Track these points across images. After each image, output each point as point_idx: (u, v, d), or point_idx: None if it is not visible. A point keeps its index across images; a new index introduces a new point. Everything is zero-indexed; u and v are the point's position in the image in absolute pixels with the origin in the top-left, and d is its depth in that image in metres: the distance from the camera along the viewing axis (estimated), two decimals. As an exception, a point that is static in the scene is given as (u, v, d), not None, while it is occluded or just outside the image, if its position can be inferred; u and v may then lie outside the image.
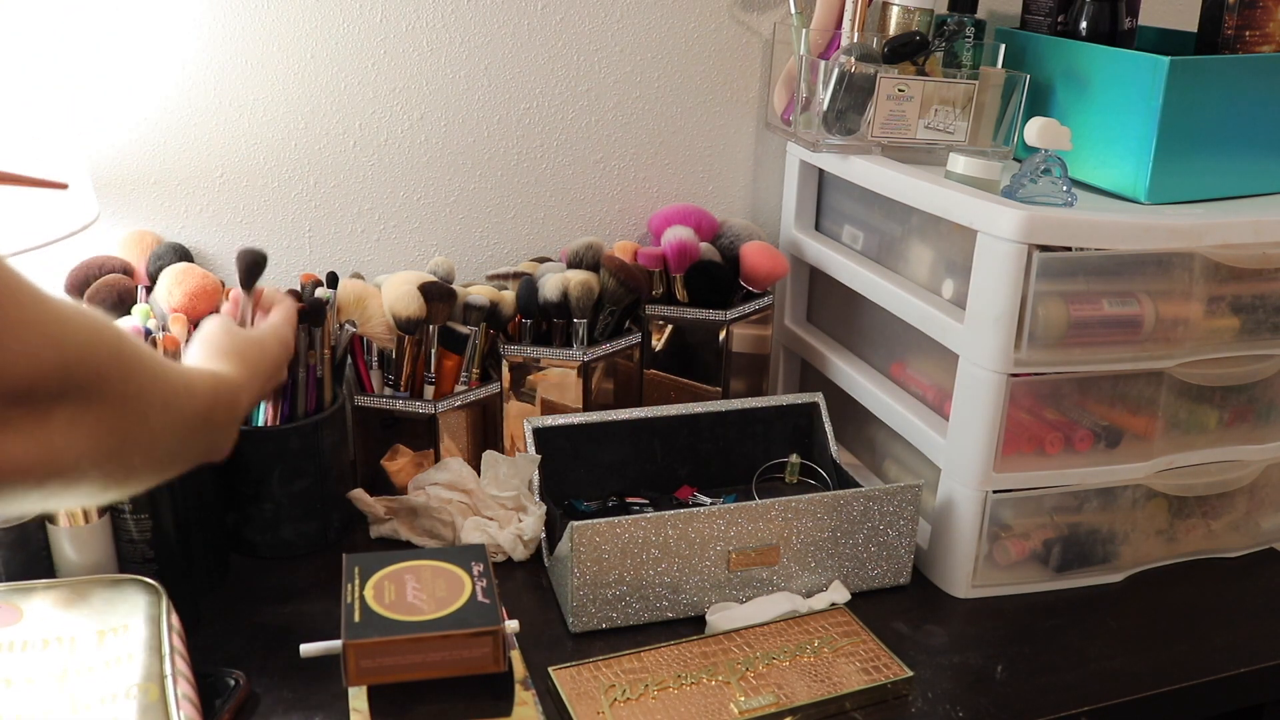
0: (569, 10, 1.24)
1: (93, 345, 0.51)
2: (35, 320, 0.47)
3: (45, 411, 0.48)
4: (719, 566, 0.96)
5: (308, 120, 1.19)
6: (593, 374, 1.17)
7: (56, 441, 0.48)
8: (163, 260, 1.11)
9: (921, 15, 1.14)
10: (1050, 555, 1.05)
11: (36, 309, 0.48)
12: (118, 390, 0.52)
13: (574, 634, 0.94)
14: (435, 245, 1.28)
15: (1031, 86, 1.12)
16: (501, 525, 1.05)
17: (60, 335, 0.49)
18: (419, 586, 0.83)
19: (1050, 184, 0.99)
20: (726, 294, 1.24)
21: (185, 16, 1.11)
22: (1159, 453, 1.05)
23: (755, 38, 1.33)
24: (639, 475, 1.15)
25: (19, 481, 0.48)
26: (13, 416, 0.46)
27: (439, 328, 1.11)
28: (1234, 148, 1.06)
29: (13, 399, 0.46)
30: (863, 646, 0.92)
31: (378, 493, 1.10)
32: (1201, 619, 1.02)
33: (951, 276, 1.06)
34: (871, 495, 0.99)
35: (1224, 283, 1.01)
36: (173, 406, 0.58)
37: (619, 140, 1.31)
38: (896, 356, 1.18)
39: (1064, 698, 0.90)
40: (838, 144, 1.16)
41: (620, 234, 1.35)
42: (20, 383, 0.46)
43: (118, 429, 0.52)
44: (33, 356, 0.47)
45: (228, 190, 1.18)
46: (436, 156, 1.24)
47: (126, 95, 1.12)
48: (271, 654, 0.89)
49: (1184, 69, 0.99)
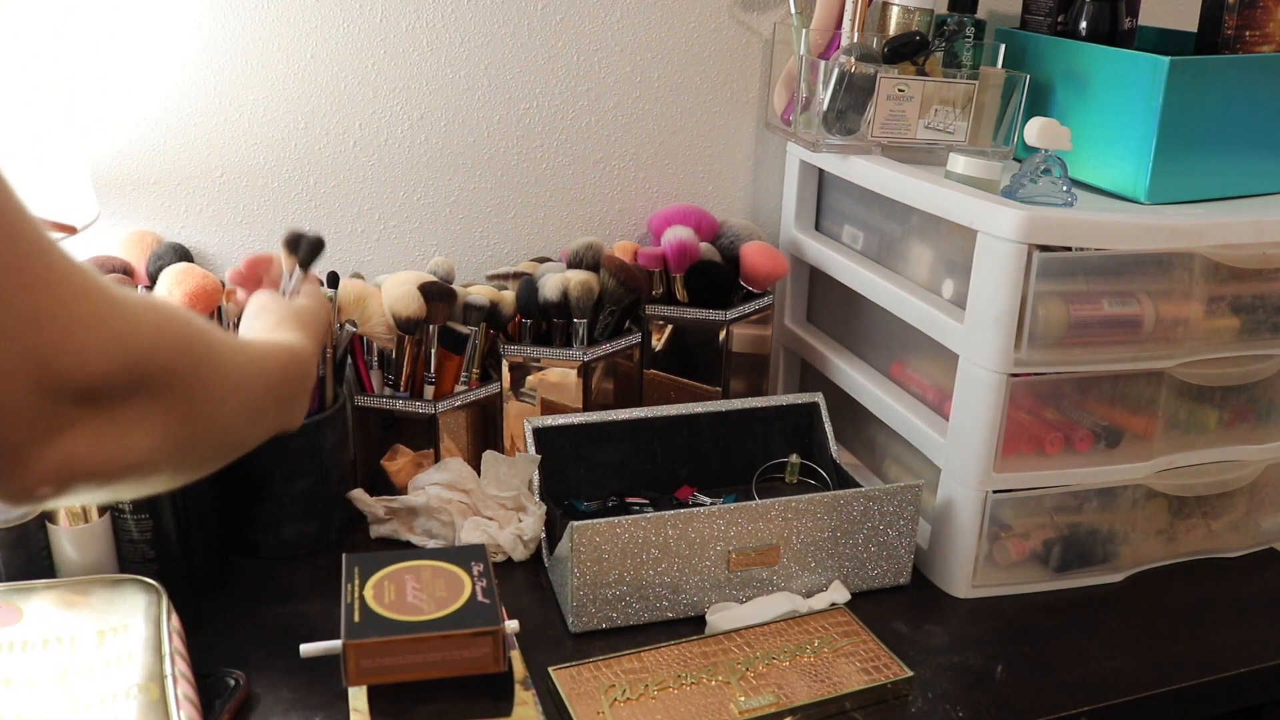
0: (569, 10, 1.24)
1: (161, 342, 0.49)
2: (103, 317, 0.46)
3: (114, 410, 0.46)
4: (719, 566, 0.96)
5: (308, 120, 1.19)
6: (593, 374, 1.17)
7: (128, 440, 0.47)
8: (163, 260, 1.11)
9: (921, 15, 1.14)
10: (1050, 555, 1.05)
11: (104, 305, 0.46)
12: (188, 384, 0.50)
13: (574, 634, 0.94)
14: (435, 245, 1.28)
15: (1031, 86, 1.12)
16: (501, 525, 1.05)
17: (128, 333, 0.47)
18: (419, 586, 0.83)
19: (1050, 184, 0.99)
20: (726, 294, 1.24)
21: (185, 16, 1.11)
22: (1159, 453, 1.05)
23: (755, 38, 1.33)
24: (639, 475, 1.15)
25: (89, 478, 0.47)
26: (80, 415, 0.45)
27: (439, 328, 1.11)
28: (1234, 148, 1.06)
29: (80, 397, 0.45)
30: (863, 646, 0.92)
31: (378, 493, 1.10)
32: (1201, 619, 1.02)
33: (951, 276, 1.06)
34: (871, 495, 0.99)
35: (1224, 283, 1.01)
36: (244, 390, 0.56)
37: (619, 140, 1.31)
38: (896, 356, 1.18)
39: (1064, 698, 0.90)
40: (838, 144, 1.16)
41: (620, 234, 1.35)
42: (88, 381, 0.45)
43: (189, 422, 0.51)
44: (100, 354, 0.45)
45: (228, 190, 1.18)
46: (436, 156, 1.24)
47: (126, 95, 1.12)
48: (271, 654, 0.89)
49: (1184, 69, 0.99)
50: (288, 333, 0.75)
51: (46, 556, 0.88)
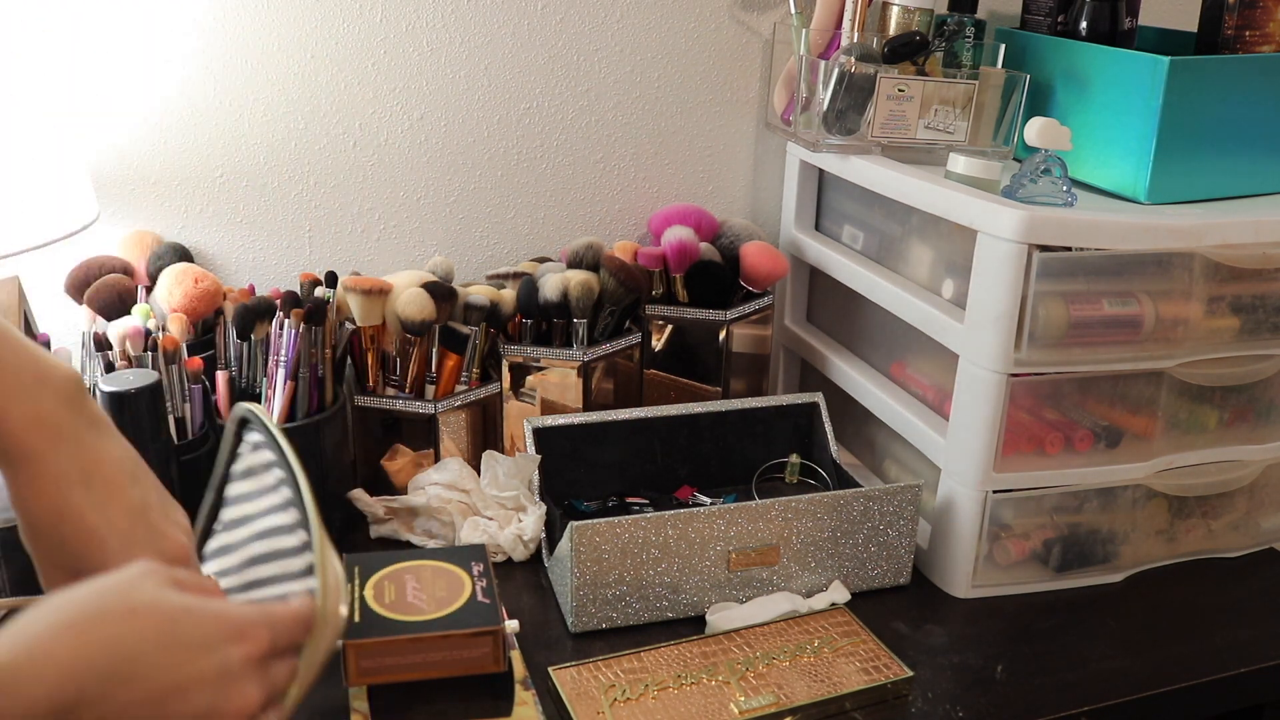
0: (569, 10, 1.24)
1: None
2: None
3: None
4: (719, 566, 0.96)
5: (308, 120, 1.19)
6: (593, 374, 1.17)
7: None
8: (163, 260, 1.11)
9: (921, 15, 1.14)
10: (1050, 555, 1.05)
11: None
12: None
13: (574, 634, 0.94)
14: (435, 245, 1.28)
15: (1031, 86, 1.12)
16: (501, 525, 1.05)
17: None
18: (419, 586, 0.83)
19: (1050, 184, 0.99)
20: (726, 294, 1.24)
21: (185, 17, 1.11)
22: (1159, 453, 1.05)
23: (755, 38, 1.33)
24: (639, 475, 1.15)
25: None
26: None
27: (440, 327, 1.11)
28: (1234, 148, 1.06)
29: None
30: (863, 646, 0.92)
31: (378, 493, 1.10)
32: (1201, 619, 1.02)
33: (951, 276, 1.06)
34: (871, 495, 0.99)
35: (1224, 283, 1.01)
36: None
37: (619, 140, 1.31)
38: (896, 356, 1.18)
39: (1064, 698, 0.90)
40: (838, 144, 1.16)
41: (620, 234, 1.35)
42: None
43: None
44: None
45: (228, 190, 1.18)
46: (436, 156, 1.24)
47: (127, 95, 1.12)
48: (271, 654, 0.89)
49: (1184, 69, 0.99)
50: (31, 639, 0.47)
51: (46, 556, 0.88)
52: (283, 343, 1.01)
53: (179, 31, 1.11)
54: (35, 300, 1.10)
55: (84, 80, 1.10)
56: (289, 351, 1.01)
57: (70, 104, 1.10)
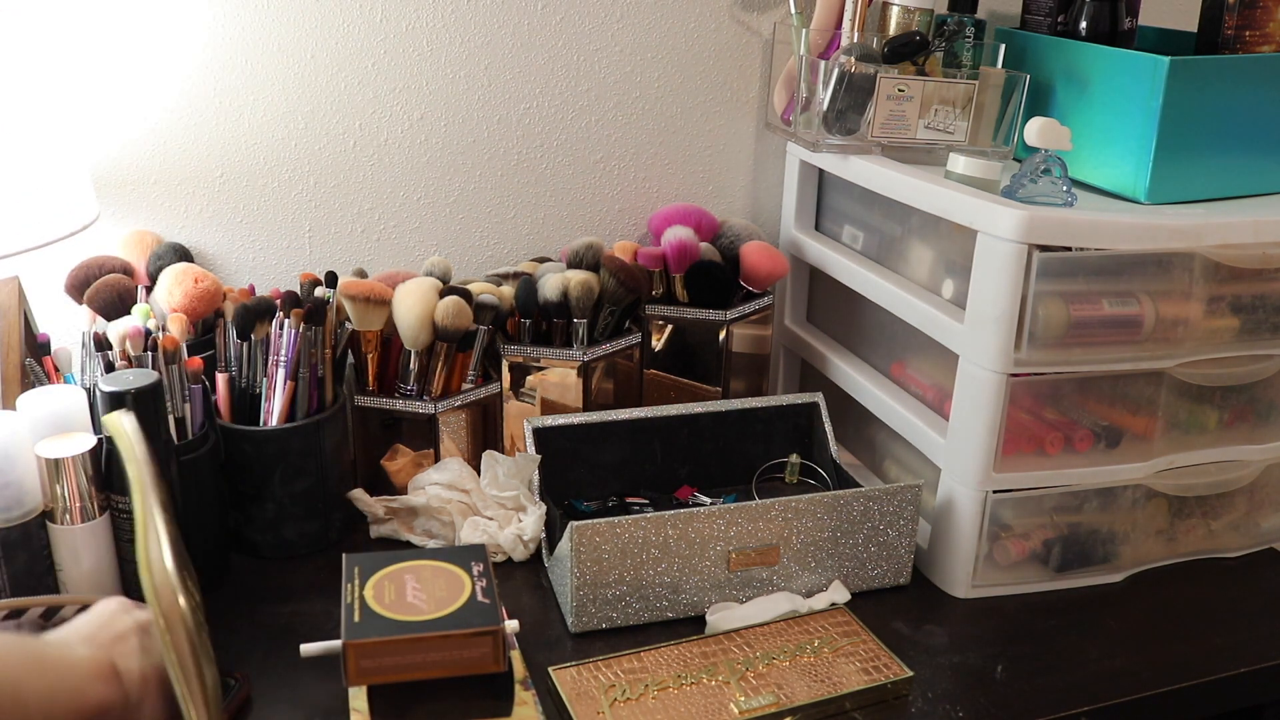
0: (569, 10, 1.24)
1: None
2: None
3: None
4: (719, 566, 0.96)
5: (308, 120, 1.19)
6: (593, 374, 1.17)
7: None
8: (163, 260, 1.12)
9: (921, 15, 1.15)
10: (1050, 555, 1.05)
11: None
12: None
13: (574, 634, 0.94)
14: (435, 245, 1.28)
15: (1031, 86, 1.12)
16: (501, 525, 1.05)
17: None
18: (419, 586, 0.83)
19: (1050, 184, 0.99)
20: (726, 294, 1.24)
21: (186, 17, 1.11)
22: (1159, 453, 1.05)
23: (755, 38, 1.33)
24: (639, 475, 1.15)
25: None
26: None
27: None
28: (1234, 148, 1.06)
29: None
30: (863, 646, 0.92)
31: (378, 493, 1.10)
32: (1201, 619, 1.02)
33: (951, 276, 1.06)
34: (871, 495, 1.00)
35: (1224, 283, 1.01)
36: None
37: (619, 140, 1.31)
38: (896, 356, 1.18)
39: (1064, 698, 0.90)
40: (838, 144, 1.16)
41: (620, 234, 1.35)
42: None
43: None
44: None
45: (228, 190, 1.18)
46: (436, 156, 1.24)
47: (127, 95, 1.12)
48: (271, 654, 0.89)
49: (1184, 69, 0.99)
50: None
51: (47, 555, 0.88)
52: (283, 343, 1.01)
53: (179, 32, 1.11)
54: (35, 300, 1.10)
55: (84, 80, 1.10)
56: (289, 351, 1.01)
57: (71, 104, 1.10)
